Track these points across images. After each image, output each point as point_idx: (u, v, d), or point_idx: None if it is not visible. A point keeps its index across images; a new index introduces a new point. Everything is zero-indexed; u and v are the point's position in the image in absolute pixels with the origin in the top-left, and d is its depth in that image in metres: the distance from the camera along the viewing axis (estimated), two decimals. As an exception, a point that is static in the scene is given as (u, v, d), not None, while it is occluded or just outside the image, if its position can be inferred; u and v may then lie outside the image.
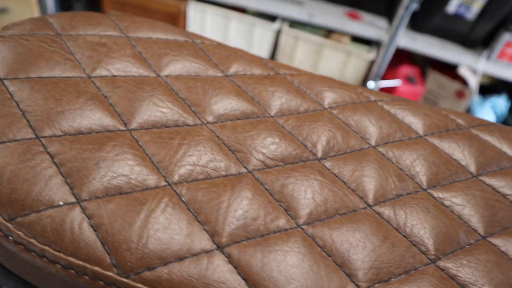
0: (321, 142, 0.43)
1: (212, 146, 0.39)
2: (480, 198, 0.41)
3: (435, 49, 1.70)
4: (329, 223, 0.36)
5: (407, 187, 0.41)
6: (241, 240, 0.34)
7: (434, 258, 0.36)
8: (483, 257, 0.36)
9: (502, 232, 0.39)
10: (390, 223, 0.38)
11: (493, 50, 1.69)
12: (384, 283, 0.33)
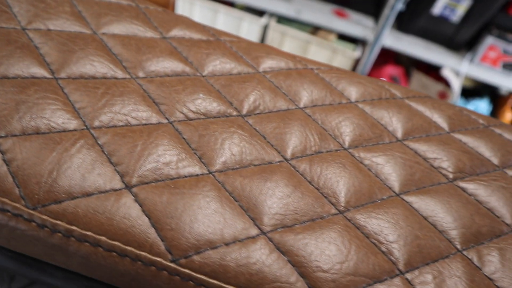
0: (248, 101, 0.44)
1: (136, 97, 0.41)
2: (400, 159, 0.43)
3: (420, 50, 1.72)
4: (241, 172, 0.38)
5: (328, 145, 0.42)
6: (150, 182, 0.36)
7: (343, 210, 0.37)
8: (392, 210, 0.38)
9: (417, 191, 0.40)
10: (304, 176, 0.39)
11: (476, 53, 1.70)
12: (288, 228, 0.35)
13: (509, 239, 0.38)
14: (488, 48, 1.68)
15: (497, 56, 1.68)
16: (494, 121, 0.51)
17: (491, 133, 0.49)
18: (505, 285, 0.34)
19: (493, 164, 0.45)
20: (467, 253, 0.36)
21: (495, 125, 0.50)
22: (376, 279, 0.33)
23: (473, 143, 0.46)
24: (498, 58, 1.69)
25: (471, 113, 0.51)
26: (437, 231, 0.37)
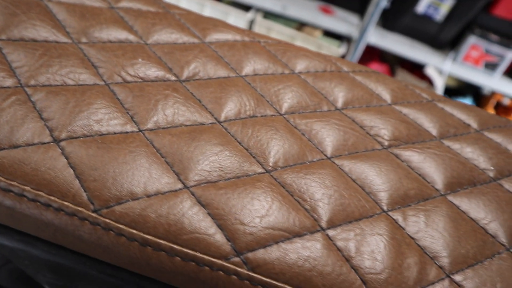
0: (188, 67, 0.45)
1: (75, 60, 0.42)
2: (336, 125, 0.43)
3: (404, 48, 1.73)
4: (171, 131, 0.39)
5: (263, 110, 0.43)
6: (78, 137, 0.36)
7: (270, 169, 0.38)
8: (320, 171, 0.39)
9: (349, 155, 0.41)
10: (234, 137, 0.40)
11: (459, 53, 1.72)
12: (211, 184, 0.36)
13: (436, 202, 0.38)
14: (471, 47, 1.69)
15: (479, 56, 1.70)
16: (438, 96, 0.52)
17: (434, 106, 0.50)
18: (426, 244, 0.35)
19: (431, 134, 0.46)
20: (392, 214, 0.37)
21: (439, 100, 0.51)
22: (296, 234, 0.34)
23: (414, 115, 0.47)
24: (481, 57, 1.70)
25: (416, 88, 0.52)
26: (364, 192, 0.38)
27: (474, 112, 0.50)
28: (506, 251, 0.36)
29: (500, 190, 0.41)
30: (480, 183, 0.41)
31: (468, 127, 0.48)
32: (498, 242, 0.37)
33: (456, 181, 0.40)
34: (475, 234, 0.36)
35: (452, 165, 0.41)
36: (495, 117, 0.51)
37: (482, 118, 0.49)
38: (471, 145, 0.45)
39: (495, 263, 0.35)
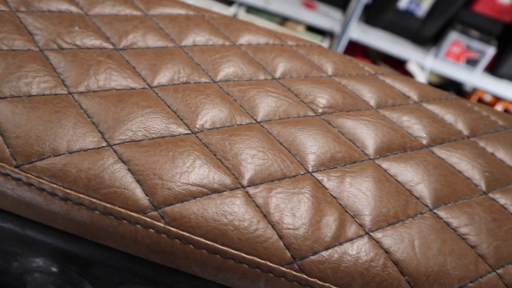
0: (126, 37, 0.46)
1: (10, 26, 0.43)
2: (269, 93, 0.44)
3: (386, 44, 1.74)
4: (100, 94, 0.39)
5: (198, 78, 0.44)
6: (5, 97, 0.37)
7: (197, 131, 0.38)
8: (247, 133, 0.39)
9: (279, 120, 0.41)
10: (164, 100, 0.40)
11: (440, 48, 1.73)
12: (135, 142, 0.36)
13: (364, 166, 0.39)
14: (452, 43, 1.70)
15: (460, 52, 1.71)
16: (382, 70, 0.52)
17: (375, 79, 0.50)
18: (348, 203, 0.35)
19: (368, 104, 0.46)
20: (316, 175, 0.37)
21: (382, 74, 0.51)
22: (215, 190, 0.34)
23: (353, 86, 0.48)
24: (462, 53, 1.71)
25: (360, 62, 0.52)
26: (290, 154, 0.38)
27: (417, 85, 0.50)
28: (429, 211, 0.36)
29: (430, 155, 0.41)
30: (411, 149, 0.42)
31: (407, 98, 0.48)
32: (422, 203, 0.37)
33: (387, 146, 0.41)
34: (399, 195, 0.37)
35: (385, 132, 0.42)
36: (437, 90, 0.51)
37: (423, 91, 0.50)
38: (407, 114, 0.45)
39: (416, 222, 0.35)
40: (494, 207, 0.38)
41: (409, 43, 1.75)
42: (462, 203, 0.38)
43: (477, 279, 0.33)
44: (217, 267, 0.32)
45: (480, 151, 0.43)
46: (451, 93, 0.51)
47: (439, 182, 0.39)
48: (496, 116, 0.49)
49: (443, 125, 0.45)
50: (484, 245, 0.35)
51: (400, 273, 0.33)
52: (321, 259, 0.32)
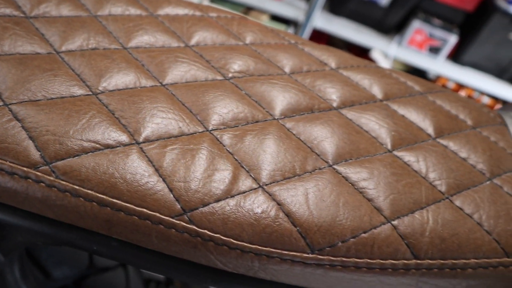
0: (38, 6, 0.45)
1: None
2: (180, 59, 0.43)
3: (350, 32, 1.75)
4: (2, 58, 0.39)
5: (107, 44, 0.43)
6: None
7: (97, 92, 0.38)
8: (150, 94, 0.38)
9: (186, 83, 0.41)
10: (68, 64, 0.40)
11: (403, 37, 1.74)
12: (32, 102, 0.36)
13: (266, 125, 0.38)
14: (415, 31, 1.72)
15: (423, 40, 1.73)
16: (304, 40, 0.52)
17: (294, 47, 0.50)
18: (244, 158, 0.35)
19: (281, 69, 0.45)
20: (215, 133, 0.37)
21: (303, 43, 0.51)
22: (108, 146, 0.34)
23: (269, 53, 0.47)
24: (424, 41, 1.73)
25: (282, 32, 0.52)
26: (191, 113, 0.38)
27: (336, 53, 0.51)
28: (328, 167, 0.37)
29: (337, 116, 0.41)
30: (319, 110, 0.42)
31: (324, 65, 0.49)
32: (322, 159, 0.37)
33: (293, 108, 0.41)
34: (299, 151, 0.37)
35: (293, 94, 0.42)
36: (357, 59, 0.52)
37: (342, 58, 0.50)
38: (320, 78, 0.45)
39: (314, 176, 0.35)
40: (396, 163, 0.38)
41: (373, 31, 1.76)
42: (363, 160, 0.38)
43: (370, 229, 0.34)
44: (109, 220, 0.32)
45: (391, 113, 0.43)
46: (371, 62, 0.52)
47: (342, 141, 0.39)
48: (414, 82, 0.50)
49: (357, 89, 0.46)
50: (380, 198, 0.35)
51: (292, 224, 0.33)
52: (211, 211, 0.32)
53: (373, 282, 0.35)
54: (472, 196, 0.38)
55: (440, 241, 0.35)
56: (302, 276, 0.35)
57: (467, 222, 0.36)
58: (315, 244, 0.33)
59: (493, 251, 0.36)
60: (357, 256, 0.34)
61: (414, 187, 0.37)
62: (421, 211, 0.36)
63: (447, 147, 0.42)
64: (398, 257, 0.34)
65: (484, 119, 0.48)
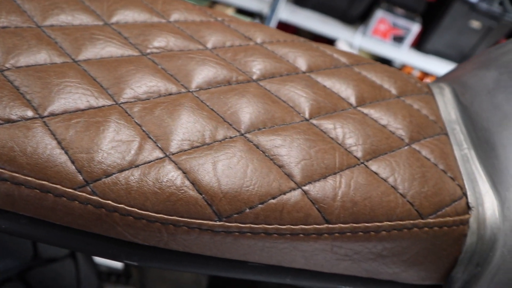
0: None
1: None
2: (111, 41, 0.43)
3: (315, 24, 1.76)
4: None
5: (21, 23, 0.42)
6: None
7: (4, 68, 0.37)
8: (57, 70, 0.37)
9: (99, 60, 0.40)
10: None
11: (368, 27, 1.76)
12: None
13: (179, 97, 0.38)
14: (378, 21, 1.73)
15: (387, 29, 1.74)
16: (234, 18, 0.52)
17: (220, 24, 0.49)
18: (153, 129, 0.34)
19: (203, 45, 0.45)
20: (125, 105, 0.36)
21: (230, 20, 0.50)
22: (8, 120, 0.33)
23: (192, 30, 0.46)
24: (388, 31, 1.74)
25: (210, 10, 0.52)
26: (101, 88, 0.36)
27: (263, 29, 0.50)
28: (240, 135, 0.36)
29: (255, 87, 0.41)
30: (236, 82, 0.41)
31: (249, 40, 0.48)
32: (234, 128, 0.37)
33: (210, 80, 0.40)
34: (209, 121, 0.36)
35: (211, 67, 0.41)
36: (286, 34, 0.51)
37: (269, 33, 0.49)
38: (242, 53, 0.45)
39: (224, 145, 0.35)
40: (311, 130, 0.38)
41: (337, 22, 1.77)
42: (278, 128, 0.38)
43: (279, 195, 0.33)
44: (10, 195, 0.31)
45: (312, 83, 0.43)
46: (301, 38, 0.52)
47: (257, 110, 0.38)
48: (341, 54, 0.50)
49: (280, 61, 0.45)
50: (292, 164, 0.35)
51: (197, 191, 0.32)
52: (115, 181, 0.32)
53: (286, 249, 0.35)
54: (388, 161, 0.38)
55: (352, 205, 0.35)
56: (213, 246, 0.34)
57: (381, 185, 0.36)
58: (222, 212, 0.33)
59: (407, 213, 0.36)
60: (266, 222, 0.33)
61: (328, 153, 0.37)
62: (334, 176, 0.36)
63: (367, 115, 0.42)
64: (309, 222, 0.34)
65: (409, 88, 0.48)
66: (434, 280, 0.39)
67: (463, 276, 0.39)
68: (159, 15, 0.48)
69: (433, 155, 0.40)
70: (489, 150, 0.41)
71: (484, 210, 0.38)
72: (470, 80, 0.48)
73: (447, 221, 0.37)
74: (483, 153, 0.42)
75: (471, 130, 0.44)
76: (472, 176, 0.40)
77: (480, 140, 0.42)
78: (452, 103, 0.47)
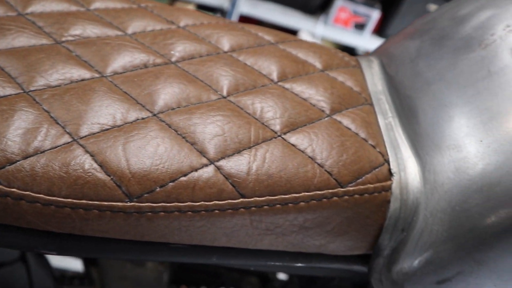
0: None
1: None
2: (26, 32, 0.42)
3: (277, 16, 1.76)
4: None
5: None
6: None
7: None
8: None
9: (9, 49, 0.39)
10: None
11: (329, 15, 1.76)
12: None
13: (92, 82, 0.37)
14: (339, 9, 1.74)
15: (348, 17, 1.75)
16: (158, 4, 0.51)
17: (142, 10, 0.48)
18: (61, 115, 0.33)
19: (123, 31, 0.44)
20: (35, 93, 0.35)
21: (154, 7, 0.50)
22: None
23: (112, 17, 0.46)
24: (349, 19, 1.75)
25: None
26: (9, 77, 0.36)
27: (188, 13, 0.49)
28: (153, 116, 0.35)
29: (173, 69, 0.40)
30: (153, 65, 0.41)
31: (171, 24, 0.48)
32: (147, 109, 0.36)
33: (125, 65, 0.40)
34: (122, 104, 0.35)
35: (127, 52, 0.41)
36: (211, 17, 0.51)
37: (192, 17, 0.49)
38: (160, 36, 0.44)
39: (135, 126, 0.34)
40: (226, 107, 0.38)
41: (299, 13, 1.77)
42: (192, 107, 0.37)
43: (190, 172, 0.33)
44: None
45: (232, 61, 0.43)
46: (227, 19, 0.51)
47: (172, 91, 0.38)
48: (266, 33, 0.50)
49: (201, 42, 0.45)
50: (205, 141, 0.35)
51: (105, 173, 0.32)
52: (19, 168, 0.31)
53: (204, 227, 0.34)
54: (307, 132, 0.38)
55: (267, 177, 0.34)
56: (130, 229, 0.34)
57: (298, 156, 0.36)
58: (132, 192, 0.32)
59: (325, 183, 0.35)
60: (179, 200, 0.33)
61: (243, 127, 0.36)
62: (249, 150, 0.35)
63: (288, 89, 0.42)
64: (223, 198, 0.33)
65: (335, 62, 0.48)
66: (363, 249, 0.39)
67: (390, 243, 0.39)
68: (79, 4, 0.47)
69: (354, 125, 0.40)
70: (411, 117, 0.41)
71: (406, 175, 0.38)
72: (395, 51, 0.48)
73: (367, 189, 0.37)
74: (406, 120, 0.42)
75: (396, 99, 0.44)
76: (395, 143, 0.40)
77: (404, 108, 0.43)
78: (379, 75, 0.47)
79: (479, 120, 0.37)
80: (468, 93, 0.39)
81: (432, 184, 0.37)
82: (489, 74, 0.38)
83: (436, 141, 0.38)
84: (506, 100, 0.36)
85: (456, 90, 0.39)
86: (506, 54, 0.39)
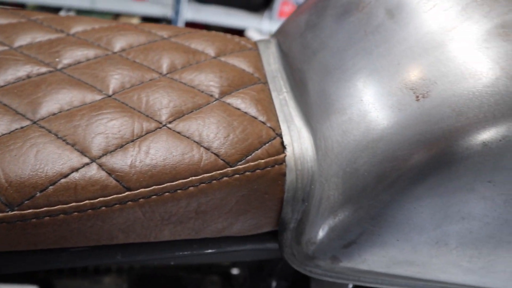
0: None
1: None
2: None
3: (222, 18, 1.76)
4: None
5: None
6: None
7: None
8: None
9: None
10: None
11: (273, 11, 1.77)
12: None
13: None
14: (282, 3, 1.75)
15: (291, 10, 1.76)
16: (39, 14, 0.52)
17: (32, 22, 0.49)
18: None
19: None
20: None
21: None
22: None
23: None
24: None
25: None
26: None
27: (81, 21, 0.50)
28: (32, 124, 0.35)
29: (56, 76, 0.40)
30: (36, 75, 0.41)
31: (61, 32, 0.48)
32: (27, 118, 0.36)
33: (8, 78, 0.40)
34: (2, 116, 0.36)
35: (10, 65, 0.41)
36: (106, 21, 0.51)
37: (83, 23, 0.49)
38: (46, 45, 0.44)
39: (13, 135, 0.34)
40: (110, 104, 0.37)
41: (243, 12, 1.78)
42: (74, 110, 0.37)
43: (71, 173, 0.33)
44: None
45: (119, 61, 0.43)
46: (124, 22, 0.51)
47: (55, 96, 0.38)
48: (159, 29, 0.50)
49: (91, 47, 0.45)
50: (86, 140, 0.34)
51: None
52: None
53: (96, 225, 0.34)
54: (194, 118, 0.38)
55: (151, 168, 0.34)
56: (21, 239, 0.33)
57: (183, 143, 0.36)
58: (11, 201, 0.32)
59: (212, 164, 0.36)
60: (62, 202, 0.32)
61: (126, 122, 0.36)
62: (133, 144, 0.35)
63: (177, 79, 0.42)
64: (109, 193, 0.33)
65: (229, 47, 0.48)
66: (269, 226, 0.40)
67: (294, 215, 0.39)
68: None
69: (244, 104, 0.40)
70: (303, 89, 0.42)
71: (301, 146, 0.38)
72: (289, 28, 0.48)
73: (259, 164, 0.37)
74: (299, 92, 0.42)
75: (290, 75, 0.44)
76: (289, 117, 0.41)
77: (296, 82, 0.43)
78: (275, 53, 0.47)
79: (358, 79, 0.37)
80: (348, 56, 0.39)
81: (324, 150, 0.37)
82: (365, 34, 0.39)
83: (324, 108, 0.39)
84: (380, 57, 0.37)
85: (338, 55, 0.40)
86: (380, 14, 0.39)
